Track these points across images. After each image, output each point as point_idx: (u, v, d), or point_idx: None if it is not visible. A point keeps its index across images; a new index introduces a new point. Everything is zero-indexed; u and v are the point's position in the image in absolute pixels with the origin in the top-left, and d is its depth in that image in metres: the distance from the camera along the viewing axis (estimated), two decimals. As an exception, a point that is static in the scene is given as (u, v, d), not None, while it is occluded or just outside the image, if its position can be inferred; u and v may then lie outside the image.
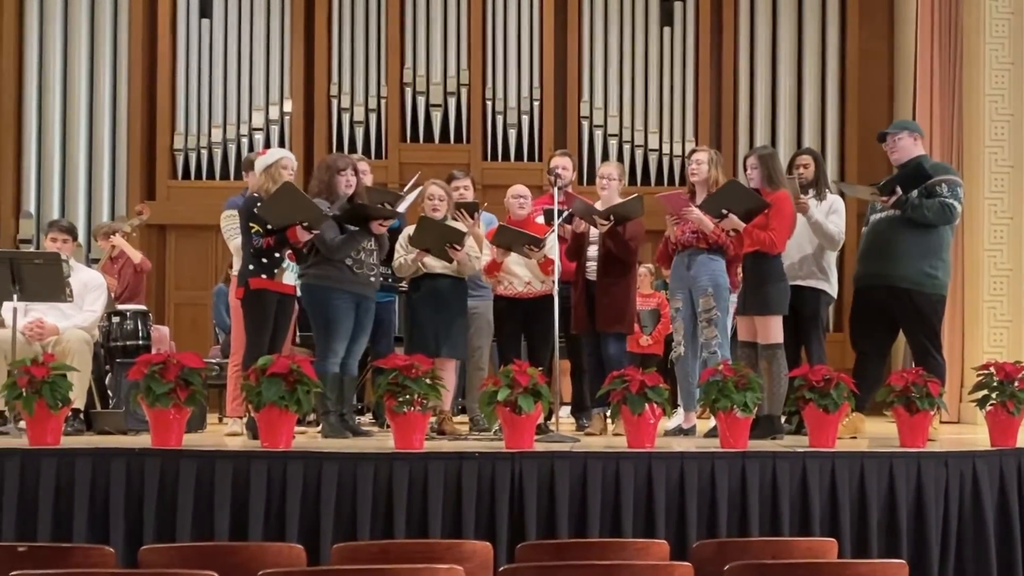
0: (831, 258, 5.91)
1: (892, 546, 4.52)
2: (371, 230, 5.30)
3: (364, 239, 5.31)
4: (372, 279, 5.40)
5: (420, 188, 5.82)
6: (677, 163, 10.00)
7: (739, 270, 5.65)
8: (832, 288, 5.90)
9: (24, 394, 4.54)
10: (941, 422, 6.01)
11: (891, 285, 5.67)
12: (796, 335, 5.72)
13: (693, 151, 5.91)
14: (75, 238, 6.29)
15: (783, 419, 5.48)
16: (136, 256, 7.61)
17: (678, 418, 5.79)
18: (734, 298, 5.76)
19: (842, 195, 6.16)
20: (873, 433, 5.66)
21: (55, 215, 9.88)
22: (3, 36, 10.32)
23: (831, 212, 5.81)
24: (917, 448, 4.79)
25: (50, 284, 5.53)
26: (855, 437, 5.46)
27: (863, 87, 10.06)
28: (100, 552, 3.22)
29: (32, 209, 10.26)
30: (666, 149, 10.17)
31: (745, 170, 5.64)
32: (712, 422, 5.13)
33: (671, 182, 9.79)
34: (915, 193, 5.62)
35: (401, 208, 5.73)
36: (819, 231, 5.72)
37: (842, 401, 4.79)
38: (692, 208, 5.49)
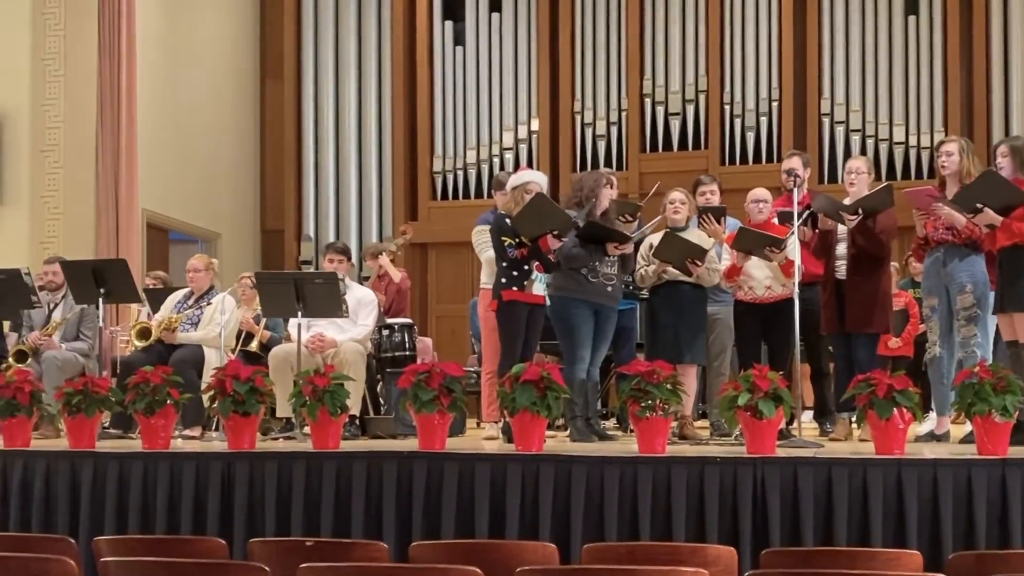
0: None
1: None
2: (606, 250, 5.48)
3: (598, 256, 5.50)
4: (609, 289, 5.55)
5: (659, 218, 5.92)
6: (925, 155, 9.56)
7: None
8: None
9: (308, 402, 4.96)
10: None
11: None
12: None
13: (942, 142, 5.66)
14: (349, 258, 6.79)
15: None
16: (396, 276, 8.02)
17: (930, 423, 5.58)
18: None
19: None
20: None
21: (331, 238, 10.76)
22: (284, 75, 11.37)
23: None
24: None
25: (329, 301, 6.00)
26: None
27: None
28: (376, 547, 3.44)
29: (311, 232, 11.23)
30: (913, 142, 9.76)
31: (994, 160, 5.38)
32: (967, 427, 4.94)
33: (919, 176, 9.39)
34: None
35: (641, 233, 5.81)
36: None
37: (1117, 405, 4.49)
38: (941, 204, 5.30)
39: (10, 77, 9.28)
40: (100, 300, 6.31)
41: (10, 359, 6.54)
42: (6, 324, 7.04)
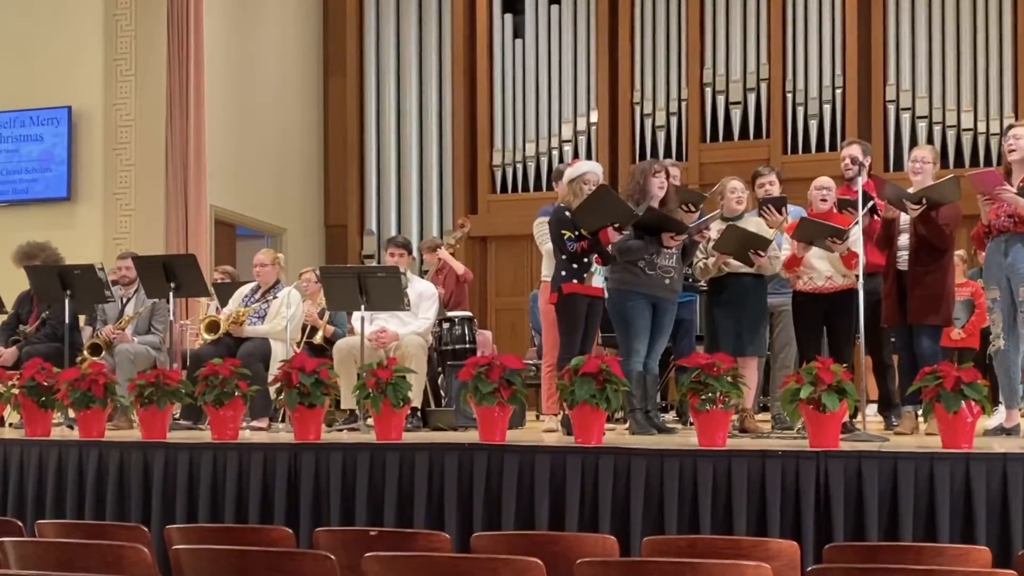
0: None
1: None
2: (661, 241, 5.45)
3: (653, 248, 5.47)
4: (667, 281, 5.51)
5: (718, 212, 5.88)
6: (994, 142, 9.35)
7: None
8: None
9: (372, 394, 5.02)
10: None
11: None
12: None
13: (1011, 126, 5.53)
14: (410, 252, 6.87)
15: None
16: (459, 268, 8.09)
17: (999, 417, 5.48)
18: None
19: None
20: None
21: (392, 232, 10.89)
22: (346, 71, 11.51)
23: None
24: None
25: (391, 295, 6.09)
26: None
27: None
28: (438, 538, 3.47)
29: (373, 227, 11.36)
30: (981, 128, 9.54)
31: None
32: (1037, 421, 4.85)
33: (988, 163, 9.17)
34: None
35: (703, 223, 5.80)
36: None
37: None
38: (1006, 187, 5.16)
39: (83, 78, 9.55)
40: (171, 294, 6.47)
41: (85, 352, 6.73)
42: (81, 318, 7.26)
